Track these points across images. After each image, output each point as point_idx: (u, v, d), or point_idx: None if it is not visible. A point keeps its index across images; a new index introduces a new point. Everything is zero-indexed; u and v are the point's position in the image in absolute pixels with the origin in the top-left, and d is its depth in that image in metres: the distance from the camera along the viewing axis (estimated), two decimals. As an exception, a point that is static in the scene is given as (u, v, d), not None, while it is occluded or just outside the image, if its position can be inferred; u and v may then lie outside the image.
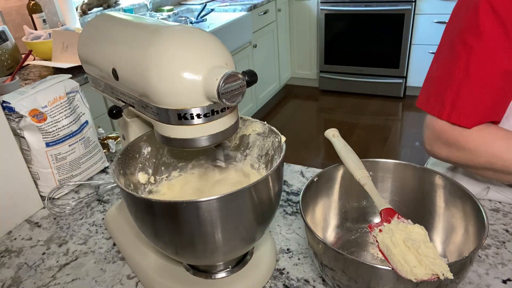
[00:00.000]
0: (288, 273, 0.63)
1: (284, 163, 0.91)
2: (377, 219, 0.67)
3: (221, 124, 0.49)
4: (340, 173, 0.67)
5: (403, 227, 0.59)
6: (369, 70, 3.43)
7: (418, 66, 3.25)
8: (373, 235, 0.55)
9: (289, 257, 0.66)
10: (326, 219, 0.68)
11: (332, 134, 0.69)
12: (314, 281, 0.61)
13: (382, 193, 0.67)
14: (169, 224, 0.50)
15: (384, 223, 0.60)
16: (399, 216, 0.60)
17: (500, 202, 0.74)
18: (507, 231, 0.68)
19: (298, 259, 0.65)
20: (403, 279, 0.47)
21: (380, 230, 0.59)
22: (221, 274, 0.60)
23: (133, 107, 0.54)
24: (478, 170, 0.72)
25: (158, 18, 2.61)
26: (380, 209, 0.62)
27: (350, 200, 0.69)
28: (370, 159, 0.66)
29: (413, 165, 0.66)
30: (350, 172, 0.64)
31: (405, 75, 3.33)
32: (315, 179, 0.64)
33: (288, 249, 0.67)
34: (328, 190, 0.68)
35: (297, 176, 0.87)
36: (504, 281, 0.59)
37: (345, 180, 0.67)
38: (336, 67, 3.54)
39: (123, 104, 0.56)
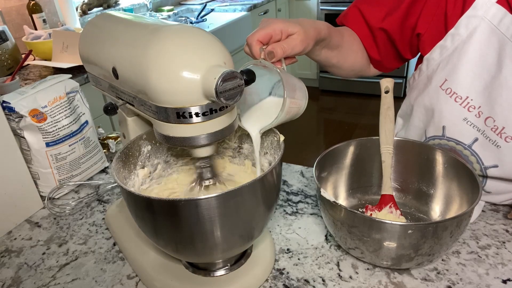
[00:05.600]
0: (288, 273, 0.63)
1: (284, 163, 0.91)
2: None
3: (220, 122, 0.50)
4: (351, 148, 0.71)
5: (390, 218, 0.64)
6: (369, 70, 3.44)
7: (418, 66, 3.25)
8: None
9: (289, 257, 0.66)
10: (335, 189, 0.73)
11: (386, 86, 0.69)
12: (314, 281, 0.61)
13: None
14: (168, 221, 0.50)
15: (376, 210, 0.65)
16: (392, 205, 0.65)
17: (500, 203, 0.74)
18: (507, 231, 0.68)
19: (298, 259, 0.65)
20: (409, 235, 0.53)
21: (371, 215, 0.65)
22: (220, 272, 0.60)
23: (133, 105, 0.54)
24: None
25: (158, 18, 2.61)
26: (382, 192, 0.66)
27: (360, 173, 0.73)
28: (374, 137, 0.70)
29: (414, 141, 0.71)
30: (360, 146, 0.70)
31: (405, 75, 3.33)
32: (326, 152, 0.67)
33: (288, 249, 0.67)
34: (339, 164, 0.71)
35: (297, 176, 0.87)
36: (504, 281, 0.59)
37: (356, 153, 0.72)
38: (336, 67, 3.54)
39: (121, 102, 0.56)
